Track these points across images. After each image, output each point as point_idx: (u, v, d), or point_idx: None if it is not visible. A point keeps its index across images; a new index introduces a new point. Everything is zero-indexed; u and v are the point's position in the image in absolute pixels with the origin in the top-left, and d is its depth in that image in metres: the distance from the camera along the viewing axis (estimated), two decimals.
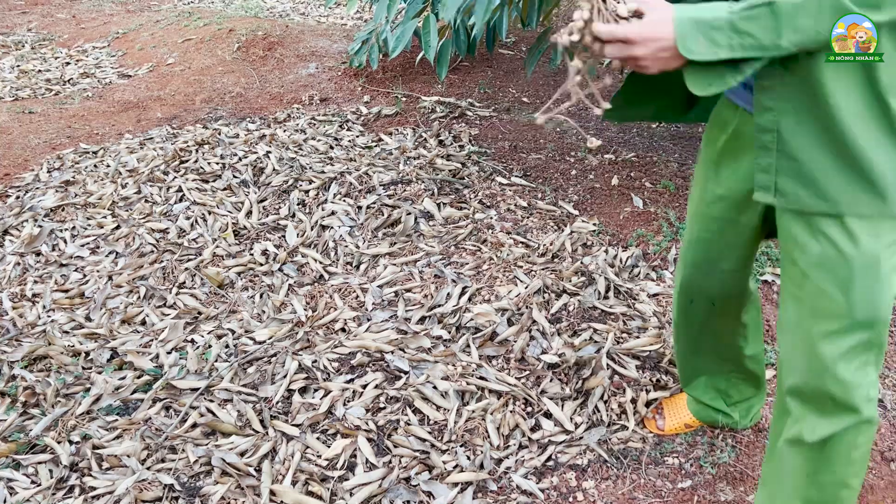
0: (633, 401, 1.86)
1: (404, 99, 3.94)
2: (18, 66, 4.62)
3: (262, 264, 2.48)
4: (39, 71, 4.55)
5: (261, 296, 2.33)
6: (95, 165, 3.10)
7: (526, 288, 2.26)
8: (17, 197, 2.88)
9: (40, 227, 2.64)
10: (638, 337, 2.06)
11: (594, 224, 2.63)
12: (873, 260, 1.09)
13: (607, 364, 1.94)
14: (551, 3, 2.48)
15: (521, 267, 2.38)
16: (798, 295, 1.17)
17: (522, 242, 2.54)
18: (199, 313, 2.25)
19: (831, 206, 1.09)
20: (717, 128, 1.32)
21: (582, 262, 2.37)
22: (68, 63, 4.72)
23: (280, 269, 2.45)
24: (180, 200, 2.80)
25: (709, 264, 1.43)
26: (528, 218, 2.70)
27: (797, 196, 1.11)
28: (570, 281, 2.29)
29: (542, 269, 2.36)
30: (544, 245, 2.49)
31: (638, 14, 1.01)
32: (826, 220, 1.10)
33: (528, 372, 1.96)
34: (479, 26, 2.29)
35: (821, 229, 1.11)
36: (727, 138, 1.28)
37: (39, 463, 1.73)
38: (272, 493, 1.64)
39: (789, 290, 1.19)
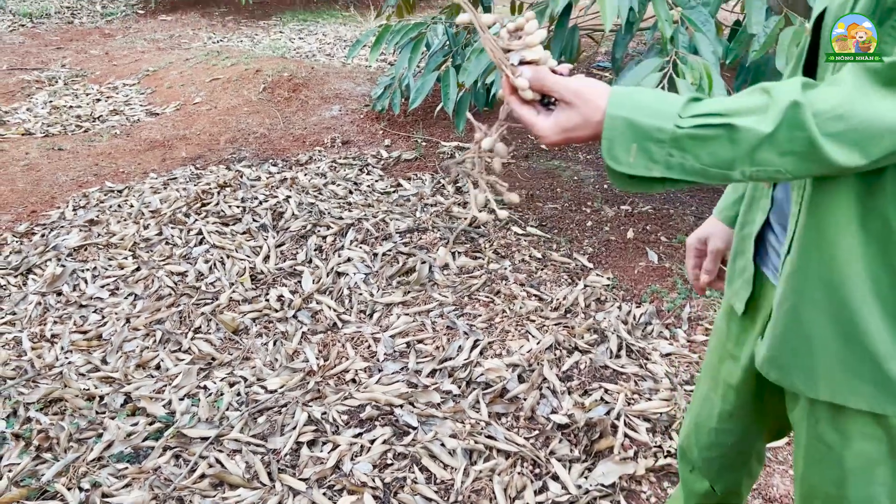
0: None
1: (424, 143, 3.99)
2: (51, 101, 4.75)
3: (276, 310, 2.51)
4: (70, 107, 4.68)
5: (274, 343, 2.35)
6: (119, 205, 3.17)
7: (538, 344, 2.26)
8: (42, 235, 2.95)
9: (63, 266, 2.69)
10: (650, 398, 2.05)
11: (608, 278, 2.64)
12: (869, 463, 0.93)
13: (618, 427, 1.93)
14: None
15: (534, 321, 2.39)
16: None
17: (536, 295, 2.54)
18: (213, 359, 2.28)
19: (807, 387, 0.94)
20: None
21: (595, 319, 2.37)
22: (99, 100, 4.85)
23: (294, 316, 2.47)
24: (200, 243, 2.84)
25: (714, 432, 1.24)
26: (542, 270, 2.71)
27: (762, 356, 0.99)
28: (583, 338, 2.29)
29: (555, 325, 2.36)
30: (557, 299, 2.49)
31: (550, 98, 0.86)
32: (819, 406, 0.96)
33: (537, 432, 1.95)
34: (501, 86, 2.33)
35: (814, 416, 0.97)
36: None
37: None
38: None
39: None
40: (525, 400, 2.04)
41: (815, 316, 0.90)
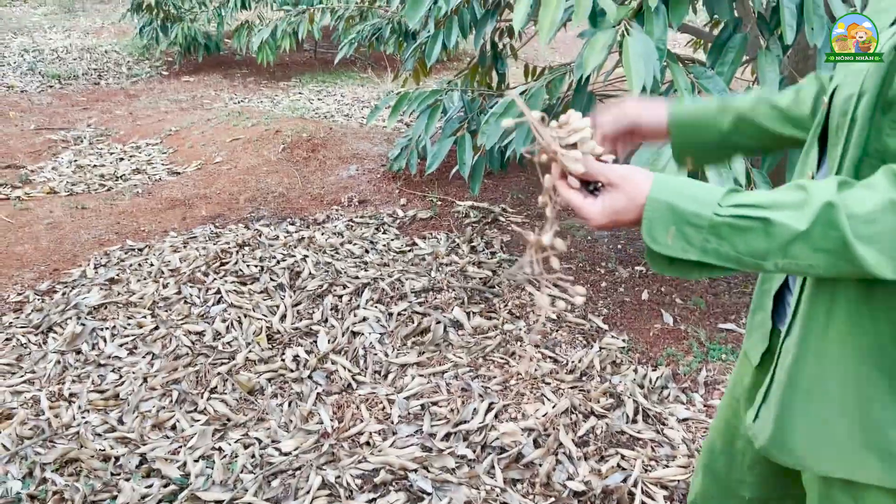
0: None
1: (439, 203, 4.05)
2: (76, 160, 4.88)
3: (292, 370, 2.52)
4: (95, 166, 4.80)
5: (289, 404, 2.36)
6: (140, 264, 3.22)
7: (553, 407, 2.25)
8: (64, 293, 3.00)
9: (83, 325, 2.73)
10: (667, 465, 2.02)
11: (623, 340, 2.63)
12: None
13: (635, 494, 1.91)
14: None
15: (549, 384, 2.38)
16: None
17: (551, 357, 2.54)
18: (229, 420, 2.28)
19: (810, 462, 0.96)
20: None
21: (610, 382, 2.36)
22: (122, 159, 4.97)
23: (310, 377, 2.48)
24: (218, 302, 2.88)
25: (727, 487, 1.24)
26: (557, 331, 2.71)
27: (766, 439, 0.99)
28: (599, 402, 2.27)
29: (570, 388, 2.35)
30: (573, 362, 2.49)
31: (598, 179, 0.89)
32: (828, 484, 0.97)
33: (553, 499, 1.92)
34: (520, 151, 2.39)
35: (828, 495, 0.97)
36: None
37: None
38: None
39: None
40: (541, 466, 2.02)
41: (822, 392, 0.92)
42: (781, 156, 2.56)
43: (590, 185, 0.91)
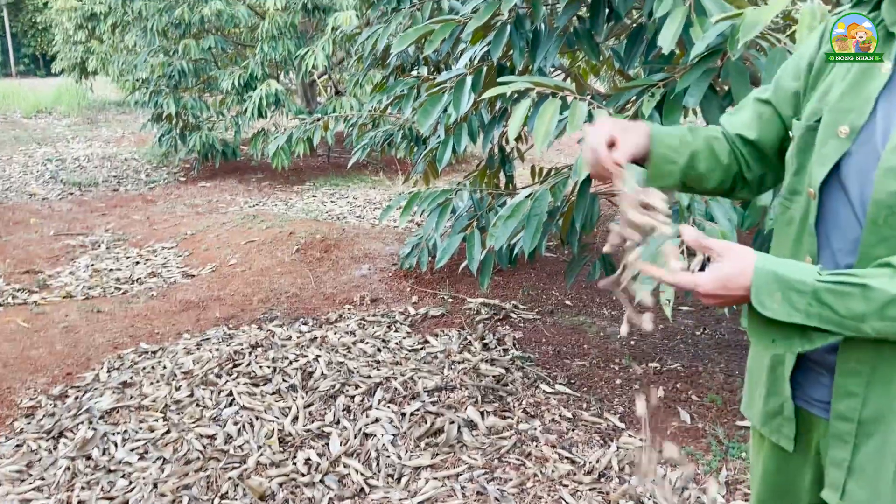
0: None
1: (450, 300, 4.08)
2: (93, 265, 4.97)
3: (304, 474, 2.47)
4: (111, 270, 4.88)
5: None
6: (153, 367, 3.23)
7: None
8: (76, 398, 2.99)
9: (94, 429, 2.71)
10: None
11: (641, 439, 2.58)
12: None
13: None
14: (588, 231, 2.63)
15: (567, 486, 2.32)
16: None
17: (567, 458, 2.49)
18: None
19: None
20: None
21: (630, 483, 2.31)
22: (138, 262, 5.07)
23: (321, 481, 2.43)
24: (230, 405, 2.86)
25: None
26: (573, 430, 2.67)
27: None
28: None
29: (589, 490, 2.30)
30: (590, 462, 2.44)
31: (708, 256, 0.96)
32: None
33: None
34: (527, 250, 2.43)
35: None
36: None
37: None
38: None
39: None
40: None
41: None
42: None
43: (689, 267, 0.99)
